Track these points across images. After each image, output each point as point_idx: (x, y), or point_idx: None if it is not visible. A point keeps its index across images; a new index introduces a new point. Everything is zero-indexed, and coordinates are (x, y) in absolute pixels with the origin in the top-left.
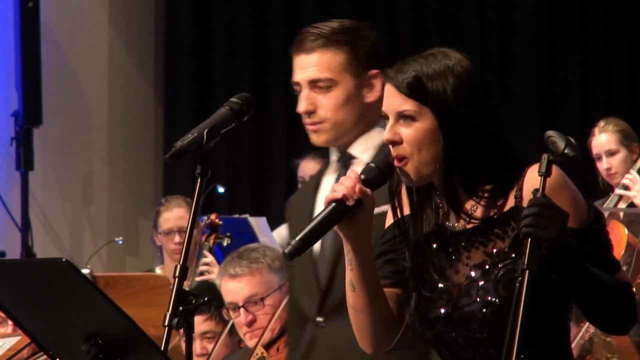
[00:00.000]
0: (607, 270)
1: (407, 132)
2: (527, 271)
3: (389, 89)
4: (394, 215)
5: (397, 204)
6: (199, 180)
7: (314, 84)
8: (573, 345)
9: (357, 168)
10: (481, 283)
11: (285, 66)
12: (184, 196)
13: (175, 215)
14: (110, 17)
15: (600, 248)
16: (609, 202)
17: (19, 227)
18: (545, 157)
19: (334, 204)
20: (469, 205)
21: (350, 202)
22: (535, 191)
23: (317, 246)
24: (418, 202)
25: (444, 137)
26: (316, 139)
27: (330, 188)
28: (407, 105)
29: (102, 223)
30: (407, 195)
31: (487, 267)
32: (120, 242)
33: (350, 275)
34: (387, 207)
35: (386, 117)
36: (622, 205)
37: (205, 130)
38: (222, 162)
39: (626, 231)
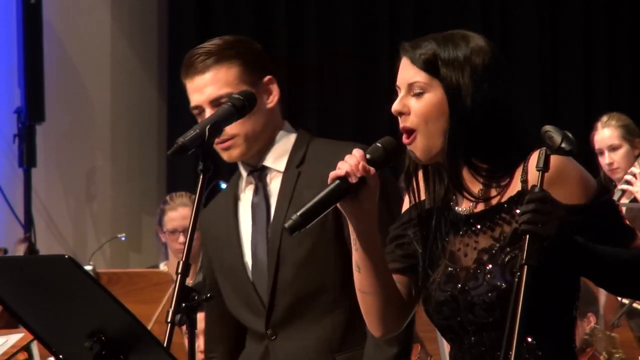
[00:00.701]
0: (621, 240)
1: (416, 104)
2: (526, 266)
3: (404, 62)
4: (410, 199)
5: (414, 188)
6: (201, 176)
7: (214, 102)
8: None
9: (274, 180)
10: (489, 267)
11: (287, 64)
12: (189, 194)
13: (180, 215)
14: (113, 14)
15: (610, 220)
16: None
17: (21, 224)
18: (542, 151)
19: (337, 182)
20: (476, 188)
21: (353, 180)
22: (534, 187)
23: (249, 261)
24: (432, 186)
25: (450, 112)
26: (228, 157)
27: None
28: (419, 76)
29: (105, 220)
30: (422, 179)
31: (494, 251)
32: (123, 238)
33: (355, 255)
34: None
35: (398, 90)
36: (624, 200)
37: (207, 127)
38: None
39: None
